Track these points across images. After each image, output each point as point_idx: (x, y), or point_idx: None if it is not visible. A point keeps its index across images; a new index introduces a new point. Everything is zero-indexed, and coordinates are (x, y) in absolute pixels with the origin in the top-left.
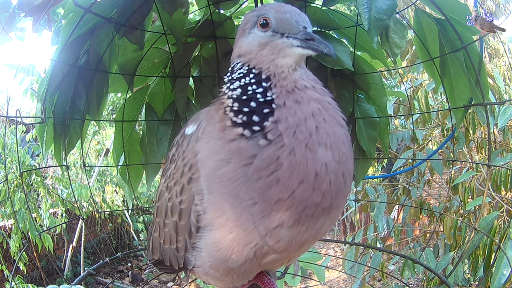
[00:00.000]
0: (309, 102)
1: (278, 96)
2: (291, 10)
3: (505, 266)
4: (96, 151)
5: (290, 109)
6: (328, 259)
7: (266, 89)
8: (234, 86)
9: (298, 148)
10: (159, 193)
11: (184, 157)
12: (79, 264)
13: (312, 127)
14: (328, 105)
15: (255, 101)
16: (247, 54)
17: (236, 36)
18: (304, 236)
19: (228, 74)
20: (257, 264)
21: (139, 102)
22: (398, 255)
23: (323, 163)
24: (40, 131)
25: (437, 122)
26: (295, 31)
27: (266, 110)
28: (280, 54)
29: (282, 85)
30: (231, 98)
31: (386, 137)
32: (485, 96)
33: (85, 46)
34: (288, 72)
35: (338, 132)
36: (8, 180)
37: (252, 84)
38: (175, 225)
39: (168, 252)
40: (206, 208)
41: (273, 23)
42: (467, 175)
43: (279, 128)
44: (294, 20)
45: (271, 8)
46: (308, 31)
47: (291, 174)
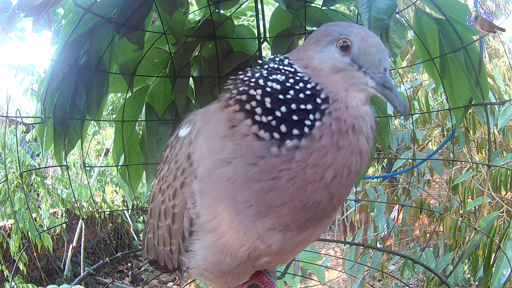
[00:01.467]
0: (351, 154)
1: (322, 126)
2: (377, 44)
3: (505, 266)
4: (96, 151)
5: (322, 149)
6: (328, 259)
7: (316, 108)
8: (273, 77)
9: (301, 183)
10: (152, 195)
11: (177, 160)
12: (79, 264)
13: (329, 177)
14: (365, 156)
15: (291, 111)
16: (315, 70)
17: (308, 40)
18: (296, 239)
19: (264, 64)
20: (251, 266)
21: (139, 102)
22: (398, 255)
23: (317, 201)
24: (40, 131)
25: (437, 122)
26: (375, 70)
27: (296, 131)
28: (352, 88)
29: (338, 117)
30: (261, 89)
31: (386, 137)
32: (485, 96)
33: (85, 46)
34: (357, 106)
35: (350, 184)
36: (8, 180)
37: (300, 91)
38: (169, 228)
39: (162, 253)
40: (199, 212)
41: (354, 51)
42: (467, 175)
43: (296, 156)
44: (378, 59)
45: (358, 33)
46: (387, 75)
47: (287, 191)
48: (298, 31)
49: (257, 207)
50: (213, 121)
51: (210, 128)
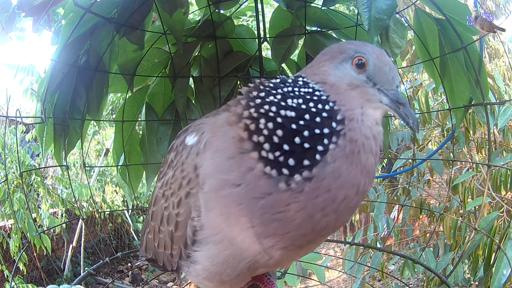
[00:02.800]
0: (360, 174)
1: (335, 149)
2: (389, 63)
3: (505, 266)
4: (96, 151)
5: (335, 173)
6: (328, 259)
7: (332, 132)
8: (288, 104)
9: (311, 211)
10: (154, 198)
11: (183, 169)
12: (79, 264)
13: (340, 197)
14: (372, 176)
15: (304, 139)
16: (333, 86)
17: (322, 56)
18: (296, 252)
19: (278, 88)
20: (249, 275)
21: (139, 102)
22: (398, 255)
23: (327, 223)
24: (40, 131)
25: (437, 122)
26: (388, 87)
27: (306, 161)
28: (368, 104)
29: (351, 138)
30: (272, 122)
31: (386, 137)
32: (485, 96)
33: (85, 46)
34: (371, 125)
35: (356, 205)
36: (8, 180)
37: (317, 114)
38: (171, 234)
39: (162, 255)
40: (203, 224)
41: (370, 69)
42: (467, 175)
43: (306, 187)
44: (391, 76)
45: (373, 52)
46: (399, 93)
47: (293, 221)
48: (298, 31)
49: (259, 229)
50: (221, 136)
51: (218, 144)
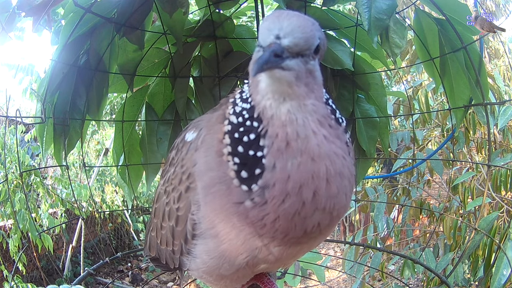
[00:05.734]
0: (312, 160)
1: (269, 153)
2: (272, 15)
3: (505, 266)
4: (96, 151)
5: (282, 173)
6: (328, 259)
7: (258, 136)
8: (235, 109)
9: (287, 217)
10: (157, 195)
11: (183, 164)
12: (79, 264)
13: (308, 195)
14: (333, 155)
15: (247, 148)
16: (252, 80)
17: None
18: (296, 249)
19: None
20: (250, 272)
21: (139, 102)
22: (398, 255)
23: (315, 223)
24: (40, 131)
25: (437, 122)
26: (264, 44)
27: (257, 170)
28: (254, 82)
29: (271, 134)
30: (229, 124)
31: (386, 137)
32: (485, 96)
33: (85, 46)
34: (270, 108)
35: (342, 189)
36: (8, 180)
37: (246, 120)
38: (172, 229)
39: (164, 253)
40: (201, 218)
41: (259, 36)
42: (467, 175)
43: (266, 195)
44: (266, 28)
45: (265, 19)
46: (277, 44)
47: (276, 230)
48: None
49: (249, 229)
50: (213, 133)
51: (209, 142)
